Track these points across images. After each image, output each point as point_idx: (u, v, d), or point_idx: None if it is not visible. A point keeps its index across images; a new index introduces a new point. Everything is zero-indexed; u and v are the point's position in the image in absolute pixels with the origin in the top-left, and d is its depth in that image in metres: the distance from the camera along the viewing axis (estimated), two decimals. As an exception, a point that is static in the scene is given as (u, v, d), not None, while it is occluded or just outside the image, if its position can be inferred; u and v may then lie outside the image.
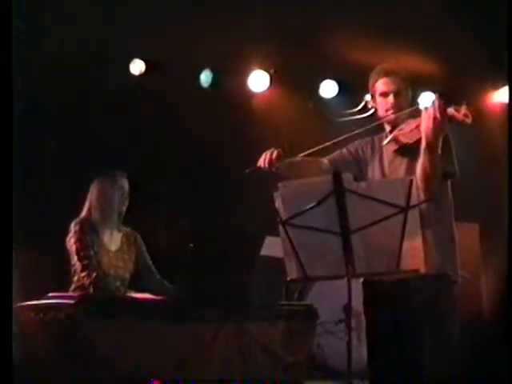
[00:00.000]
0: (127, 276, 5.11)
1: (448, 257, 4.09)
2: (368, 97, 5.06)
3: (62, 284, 4.85)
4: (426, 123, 3.91)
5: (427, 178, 3.99)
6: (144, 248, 5.27)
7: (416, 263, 3.67)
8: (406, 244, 3.62)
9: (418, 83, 4.25)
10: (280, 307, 4.80)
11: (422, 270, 3.70)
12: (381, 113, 4.29)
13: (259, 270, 4.67)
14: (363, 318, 4.26)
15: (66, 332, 3.86)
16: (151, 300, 4.46)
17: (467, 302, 5.02)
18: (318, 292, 5.85)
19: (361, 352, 5.79)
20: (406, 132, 4.15)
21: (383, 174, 4.24)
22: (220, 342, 4.25)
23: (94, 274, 4.84)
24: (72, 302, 3.93)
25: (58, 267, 5.02)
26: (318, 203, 3.64)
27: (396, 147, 4.20)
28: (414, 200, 3.63)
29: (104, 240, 5.09)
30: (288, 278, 3.88)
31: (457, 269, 4.10)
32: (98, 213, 5.09)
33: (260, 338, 4.50)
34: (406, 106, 4.24)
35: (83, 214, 5.13)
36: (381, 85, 4.30)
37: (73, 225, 5.02)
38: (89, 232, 5.00)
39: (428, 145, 3.93)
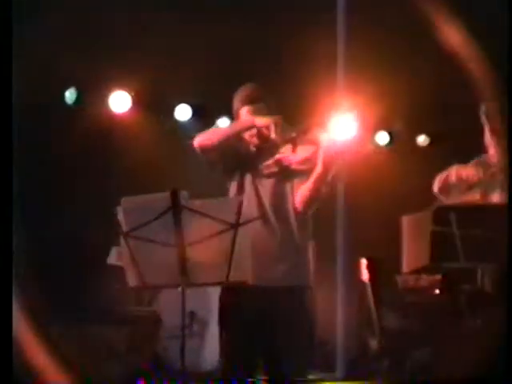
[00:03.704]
0: None
1: (299, 267, 4.28)
2: (220, 122, 5.42)
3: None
4: (327, 155, 4.06)
5: (312, 202, 4.21)
6: None
7: (244, 275, 3.99)
8: (235, 257, 3.94)
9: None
10: (127, 312, 5.09)
11: (250, 282, 4.08)
12: (247, 136, 4.28)
13: (107, 277, 4.97)
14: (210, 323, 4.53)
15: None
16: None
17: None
18: (166, 299, 6.03)
19: (204, 355, 6.21)
20: (295, 159, 4.26)
21: (256, 189, 4.32)
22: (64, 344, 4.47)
23: None
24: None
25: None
26: (156, 218, 3.98)
27: (275, 169, 4.31)
28: (244, 217, 4.04)
29: None
30: (129, 285, 4.22)
31: (308, 278, 4.28)
32: None
33: (106, 340, 4.76)
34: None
35: None
36: (245, 114, 4.26)
37: None
38: None
39: (324, 174, 4.11)
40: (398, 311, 6.84)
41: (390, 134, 8.19)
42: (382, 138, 8.21)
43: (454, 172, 4.79)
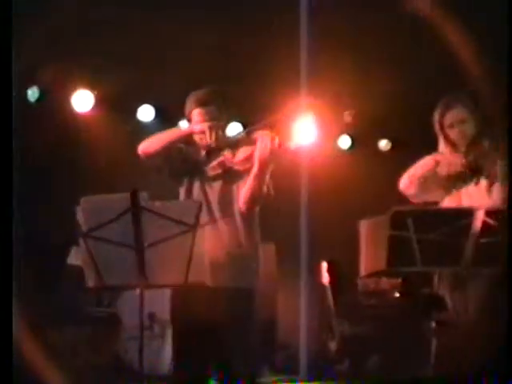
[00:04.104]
0: None
1: (247, 269, 4.37)
2: (182, 123, 5.41)
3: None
4: (262, 153, 4.18)
5: (254, 201, 4.29)
6: None
7: (202, 276, 4.02)
8: (194, 259, 3.96)
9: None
10: (87, 313, 5.09)
11: (208, 283, 4.11)
12: (198, 139, 4.36)
13: (68, 277, 4.95)
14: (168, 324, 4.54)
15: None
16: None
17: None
18: (126, 300, 5.92)
19: (164, 357, 6.20)
20: (236, 160, 4.34)
21: (205, 193, 4.40)
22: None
23: None
24: None
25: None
26: (115, 218, 3.97)
27: (219, 171, 4.38)
28: (202, 220, 4.07)
29: None
30: (87, 285, 4.22)
31: (254, 281, 4.37)
32: None
33: (69, 340, 4.76)
34: (224, 136, 4.36)
35: None
36: (196, 115, 4.35)
37: None
38: None
39: (261, 172, 4.21)
40: (358, 314, 6.89)
41: (351, 138, 8.25)
42: (344, 142, 8.27)
43: (433, 160, 4.68)
